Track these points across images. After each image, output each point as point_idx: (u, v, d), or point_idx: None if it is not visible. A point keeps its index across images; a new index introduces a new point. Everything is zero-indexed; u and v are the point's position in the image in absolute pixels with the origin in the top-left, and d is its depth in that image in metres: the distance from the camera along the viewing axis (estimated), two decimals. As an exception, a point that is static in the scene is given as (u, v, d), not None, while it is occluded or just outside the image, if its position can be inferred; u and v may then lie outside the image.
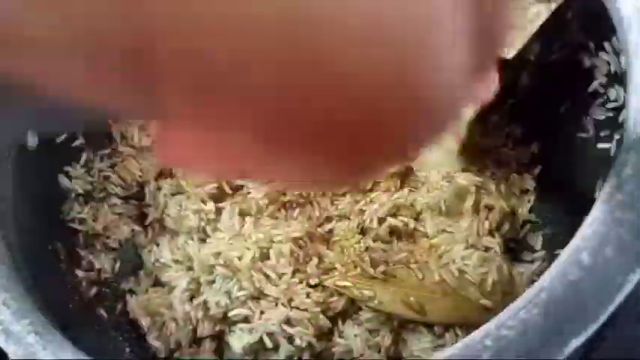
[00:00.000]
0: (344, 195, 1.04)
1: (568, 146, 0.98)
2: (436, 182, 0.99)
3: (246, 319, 0.97)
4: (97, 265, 1.11)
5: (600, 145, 0.90)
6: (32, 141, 1.00)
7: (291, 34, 0.23)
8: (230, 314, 0.97)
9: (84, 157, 1.10)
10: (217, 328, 0.99)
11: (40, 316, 0.80)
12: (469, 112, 0.91)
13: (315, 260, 0.98)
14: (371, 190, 1.04)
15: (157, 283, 1.09)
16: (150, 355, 1.04)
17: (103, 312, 1.07)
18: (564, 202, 0.97)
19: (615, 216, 0.63)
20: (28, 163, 0.99)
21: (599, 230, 0.63)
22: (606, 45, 0.87)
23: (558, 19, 0.91)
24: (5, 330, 0.76)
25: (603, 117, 0.91)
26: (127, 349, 1.05)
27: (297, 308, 0.94)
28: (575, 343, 0.60)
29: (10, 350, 0.75)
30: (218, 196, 1.08)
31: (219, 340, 1.01)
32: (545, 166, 1.05)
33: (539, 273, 0.92)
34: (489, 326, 0.63)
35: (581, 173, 0.94)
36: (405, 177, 1.04)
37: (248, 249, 0.98)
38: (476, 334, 0.63)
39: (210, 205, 1.05)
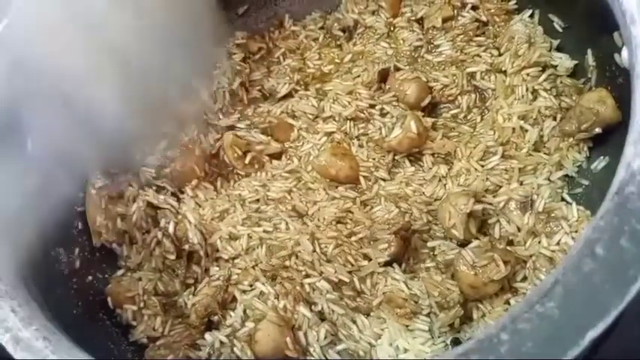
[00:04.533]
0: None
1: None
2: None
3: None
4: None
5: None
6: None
7: None
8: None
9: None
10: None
11: (45, 321, 0.80)
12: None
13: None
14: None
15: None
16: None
17: (104, 316, 1.08)
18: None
19: (628, 207, 0.64)
20: (29, 170, 0.98)
21: (612, 222, 0.64)
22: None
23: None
24: (14, 336, 0.75)
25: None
26: (130, 354, 1.05)
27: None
28: (592, 334, 0.60)
29: (19, 356, 0.74)
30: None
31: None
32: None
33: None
34: (505, 320, 0.63)
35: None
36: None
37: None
38: (492, 329, 0.63)
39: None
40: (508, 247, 0.99)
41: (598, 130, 1.01)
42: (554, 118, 1.07)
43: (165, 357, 0.99)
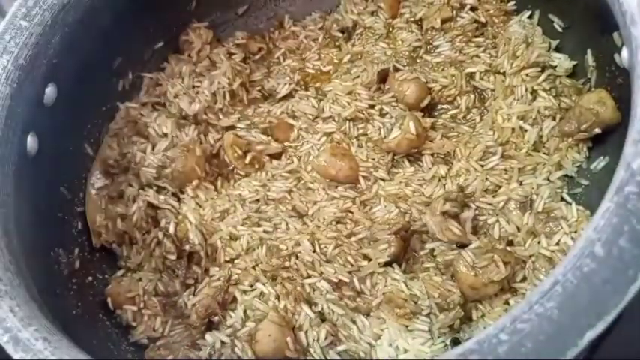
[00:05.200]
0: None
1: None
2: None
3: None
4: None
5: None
6: (32, 145, 0.99)
7: None
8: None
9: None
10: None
11: (45, 321, 0.80)
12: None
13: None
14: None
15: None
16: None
17: (104, 316, 1.08)
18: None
19: (628, 207, 0.64)
20: (28, 171, 0.98)
21: (611, 221, 0.64)
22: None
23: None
24: (14, 337, 0.75)
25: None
26: (130, 355, 1.05)
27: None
28: (591, 334, 0.60)
29: (19, 356, 0.74)
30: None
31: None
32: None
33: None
34: (504, 320, 0.63)
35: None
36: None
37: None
38: (491, 329, 0.63)
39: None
40: (508, 248, 0.99)
41: (597, 130, 1.01)
42: (554, 119, 1.07)
43: (165, 357, 1.00)
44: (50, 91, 1.03)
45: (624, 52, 0.83)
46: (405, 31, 1.25)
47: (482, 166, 1.08)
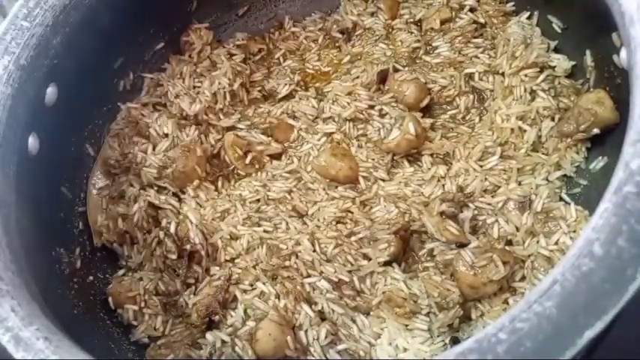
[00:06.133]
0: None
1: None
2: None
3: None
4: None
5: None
6: (33, 146, 0.99)
7: None
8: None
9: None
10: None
11: (46, 321, 0.80)
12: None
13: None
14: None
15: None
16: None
17: (105, 315, 1.08)
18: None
19: (626, 207, 0.64)
20: (30, 171, 0.98)
21: (610, 221, 0.64)
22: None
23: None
24: (15, 336, 0.75)
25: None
26: (130, 354, 1.06)
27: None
28: (590, 334, 0.61)
29: (20, 356, 0.74)
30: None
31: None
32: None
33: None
34: (504, 319, 0.64)
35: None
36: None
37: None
38: (490, 328, 0.64)
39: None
40: (507, 247, 0.99)
41: (596, 130, 1.01)
42: (553, 119, 1.08)
43: (165, 356, 1.00)
44: (51, 91, 1.03)
45: (623, 53, 0.83)
46: (405, 32, 1.25)
47: (481, 166, 1.08)
